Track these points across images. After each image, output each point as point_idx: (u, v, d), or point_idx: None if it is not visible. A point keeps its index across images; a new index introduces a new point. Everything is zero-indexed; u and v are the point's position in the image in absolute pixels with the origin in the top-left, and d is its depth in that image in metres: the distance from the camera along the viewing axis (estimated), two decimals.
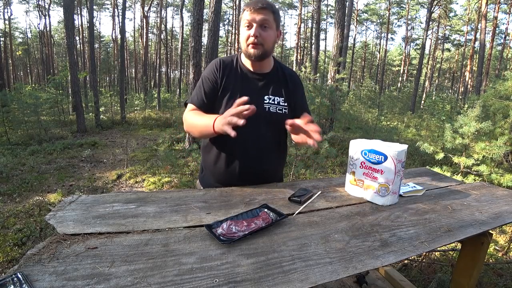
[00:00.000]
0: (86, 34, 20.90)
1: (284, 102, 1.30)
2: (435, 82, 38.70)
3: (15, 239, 2.82)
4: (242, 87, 1.27)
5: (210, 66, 1.31)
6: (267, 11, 1.17)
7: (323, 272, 0.72)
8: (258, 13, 1.16)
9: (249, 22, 1.18)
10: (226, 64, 1.30)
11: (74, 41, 13.72)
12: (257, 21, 1.17)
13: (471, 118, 3.63)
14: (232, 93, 1.26)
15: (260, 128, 1.26)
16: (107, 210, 0.98)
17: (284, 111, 1.29)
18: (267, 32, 1.20)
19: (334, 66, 7.63)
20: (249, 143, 1.25)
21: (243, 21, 1.20)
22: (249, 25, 1.18)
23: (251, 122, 1.17)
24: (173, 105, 13.20)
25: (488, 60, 18.59)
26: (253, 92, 1.25)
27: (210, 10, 6.10)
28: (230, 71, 1.29)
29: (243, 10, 1.20)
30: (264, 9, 1.16)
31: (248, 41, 1.20)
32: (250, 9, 1.16)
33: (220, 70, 1.28)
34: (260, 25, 1.18)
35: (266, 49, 1.22)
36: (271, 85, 1.30)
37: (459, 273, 1.27)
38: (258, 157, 1.27)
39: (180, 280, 0.66)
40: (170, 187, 4.52)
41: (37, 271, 0.66)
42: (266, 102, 1.27)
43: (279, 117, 1.27)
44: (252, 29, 1.18)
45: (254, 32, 1.17)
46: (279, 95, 1.30)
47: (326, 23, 36.20)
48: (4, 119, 7.71)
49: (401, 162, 1.08)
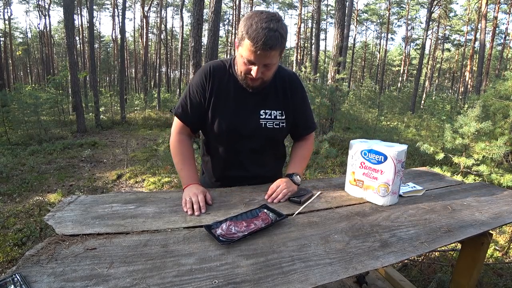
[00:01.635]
0: (86, 34, 20.89)
1: (282, 116, 1.21)
2: (435, 82, 38.70)
3: (15, 239, 2.81)
4: (236, 101, 1.16)
5: (199, 75, 1.18)
6: (276, 50, 0.99)
7: (323, 272, 0.72)
8: (265, 55, 0.98)
9: (251, 62, 1.02)
10: (217, 73, 1.17)
11: (74, 41, 13.74)
12: (261, 62, 1.01)
13: (471, 118, 3.63)
14: (226, 108, 1.16)
15: (256, 143, 1.21)
16: (106, 210, 0.98)
17: (281, 125, 1.21)
18: (270, 69, 1.07)
19: (334, 66, 7.62)
20: (245, 156, 1.24)
21: (244, 51, 1.00)
22: (250, 63, 1.03)
23: (247, 138, 1.19)
24: (172, 105, 13.09)
25: (488, 60, 18.59)
26: (248, 106, 1.17)
27: (210, 10, 6.09)
28: (222, 81, 1.16)
29: (245, 37, 0.97)
30: (272, 50, 0.97)
31: (246, 75, 1.08)
32: (256, 47, 0.95)
33: (210, 80, 1.16)
34: (264, 65, 1.03)
35: (266, 81, 1.12)
36: (268, 98, 1.19)
37: (459, 273, 1.27)
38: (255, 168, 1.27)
39: (179, 281, 0.66)
40: (170, 187, 4.51)
41: (35, 272, 0.66)
42: (262, 118, 1.18)
43: (275, 132, 1.21)
44: (254, 70, 1.03)
45: (256, 75, 1.04)
46: (276, 108, 1.20)
47: (326, 23, 36.19)
48: (4, 119, 7.70)
49: (401, 162, 1.08)
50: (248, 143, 1.21)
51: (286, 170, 1.30)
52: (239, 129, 1.18)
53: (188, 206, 1.01)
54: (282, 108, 1.22)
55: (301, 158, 1.32)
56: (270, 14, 0.98)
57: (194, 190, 1.08)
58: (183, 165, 1.19)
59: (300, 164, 1.29)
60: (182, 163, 1.20)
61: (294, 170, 1.24)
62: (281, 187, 1.14)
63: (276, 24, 0.95)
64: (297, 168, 1.26)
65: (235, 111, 1.17)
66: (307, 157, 1.35)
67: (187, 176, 1.16)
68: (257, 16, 0.97)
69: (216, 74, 1.17)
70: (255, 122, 1.18)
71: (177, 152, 1.21)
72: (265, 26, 0.94)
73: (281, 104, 1.22)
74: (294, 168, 1.26)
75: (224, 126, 1.17)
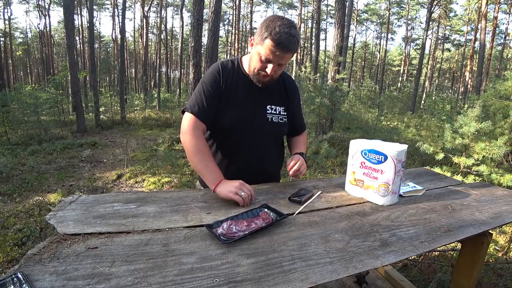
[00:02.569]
0: (86, 34, 20.88)
1: (284, 112, 1.33)
2: (435, 82, 38.69)
3: (15, 239, 2.82)
4: (245, 97, 1.24)
5: (211, 72, 1.24)
6: (292, 53, 1.11)
7: (323, 272, 0.72)
8: (282, 56, 1.10)
9: (269, 60, 1.12)
10: (227, 71, 1.24)
11: (74, 41, 13.73)
12: (277, 61, 1.12)
13: (471, 118, 3.63)
14: (235, 102, 1.23)
15: (263, 137, 1.28)
16: (107, 210, 0.98)
17: (284, 120, 1.33)
18: (282, 68, 1.18)
19: (334, 66, 7.63)
20: (251, 150, 1.27)
21: (263, 50, 1.10)
22: (267, 61, 1.12)
23: (254, 131, 1.25)
24: (173, 105, 13.19)
25: (488, 60, 18.57)
26: (256, 101, 1.26)
27: (210, 10, 6.10)
28: (232, 78, 1.24)
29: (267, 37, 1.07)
30: (289, 52, 1.10)
31: (260, 71, 1.16)
32: (277, 48, 1.07)
33: (222, 77, 1.22)
34: (278, 64, 1.14)
35: (274, 78, 1.21)
36: (273, 94, 1.30)
37: (459, 273, 1.27)
38: (259, 161, 1.30)
39: (180, 280, 0.66)
40: (170, 187, 4.52)
41: (37, 271, 0.66)
42: (269, 112, 1.28)
43: (280, 126, 1.31)
44: (269, 68, 1.13)
45: (271, 72, 1.14)
46: (280, 104, 1.31)
47: (326, 23, 36.19)
48: (4, 119, 7.70)
49: (401, 162, 1.08)
50: (254, 137, 1.25)
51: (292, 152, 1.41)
52: (248, 122, 1.24)
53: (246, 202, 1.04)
54: (284, 105, 1.33)
55: (302, 143, 1.45)
56: (290, 21, 1.10)
57: (234, 184, 1.07)
58: (207, 161, 1.15)
59: (303, 147, 1.43)
60: (205, 161, 1.15)
61: (300, 150, 1.36)
62: (300, 162, 1.25)
63: (295, 31, 1.08)
64: (302, 149, 1.39)
65: (244, 105, 1.24)
66: (305, 145, 1.49)
67: (214, 173, 1.13)
68: (280, 20, 1.08)
69: (225, 72, 1.24)
70: (262, 116, 1.27)
71: (197, 151, 1.16)
72: (287, 31, 1.06)
73: (284, 101, 1.33)
74: (300, 149, 1.39)
75: (234, 119, 1.22)
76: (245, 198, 1.03)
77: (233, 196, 1.03)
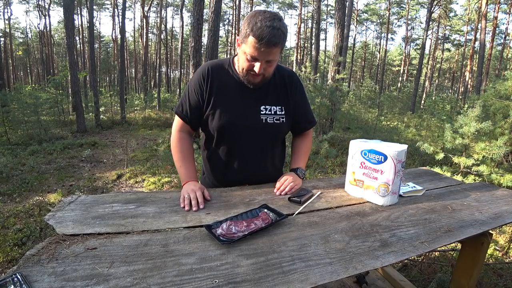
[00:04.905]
0: (86, 34, 20.88)
1: (281, 111, 1.24)
2: (435, 82, 38.69)
3: (15, 239, 2.81)
4: (236, 98, 1.20)
5: (197, 74, 1.21)
6: (278, 47, 1.04)
7: (323, 272, 0.72)
8: (268, 52, 1.03)
9: (255, 58, 1.06)
10: (216, 72, 1.20)
11: (74, 41, 13.74)
12: (264, 58, 1.06)
13: (471, 118, 3.63)
14: (226, 104, 1.19)
15: (258, 138, 1.23)
16: (107, 210, 0.98)
17: (281, 120, 1.24)
18: (272, 65, 1.11)
19: (334, 66, 7.62)
20: (247, 152, 1.25)
21: (247, 48, 1.04)
22: (253, 59, 1.07)
23: (248, 133, 1.21)
24: (173, 105, 13.21)
25: (488, 60, 18.56)
26: (249, 102, 1.21)
27: (210, 10, 6.10)
28: (222, 79, 1.20)
29: (249, 34, 1.01)
30: (275, 46, 1.02)
31: (249, 71, 1.11)
32: (261, 44, 1.00)
33: (208, 79, 1.18)
34: (266, 61, 1.08)
35: (266, 77, 1.16)
36: (268, 94, 1.23)
37: (459, 273, 1.27)
38: (256, 162, 1.28)
39: (179, 280, 0.66)
40: (170, 187, 4.52)
41: (36, 272, 0.66)
42: (263, 113, 1.21)
43: (275, 127, 1.24)
44: (257, 66, 1.07)
45: (259, 70, 1.08)
46: (276, 103, 1.24)
47: (326, 23, 36.19)
48: (4, 119, 7.70)
49: (401, 162, 1.08)
50: (249, 139, 1.22)
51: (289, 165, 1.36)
52: (240, 123, 1.20)
53: (186, 202, 1.03)
54: (282, 104, 1.25)
55: (302, 153, 1.38)
56: (273, 13, 1.03)
57: (192, 186, 1.11)
58: (182, 162, 1.23)
59: (303, 159, 1.37)
60: (182, 161, 1.23)
61: (298, 165, 1.32)
62: (288, 181, 1.21)
63: (278, 23, 1.01)
64: (300, 163, 1.34)
65: (236, 106, 1.20)
66: (307, 152, 1.41)
67: (185, 173, 1.20)
68: (261, 15, 1.01)
69: (215, 73, 1.20)
70: (255, 117, 1.21)
71: (177, 150, 1.25)
72: (269, 24, 0.99)
73: (281, 100, 1.26)
74: (298, 163, 1.34)
75: (225, 121, 1.19)
76: (186, 199, 1.05)
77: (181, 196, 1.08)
